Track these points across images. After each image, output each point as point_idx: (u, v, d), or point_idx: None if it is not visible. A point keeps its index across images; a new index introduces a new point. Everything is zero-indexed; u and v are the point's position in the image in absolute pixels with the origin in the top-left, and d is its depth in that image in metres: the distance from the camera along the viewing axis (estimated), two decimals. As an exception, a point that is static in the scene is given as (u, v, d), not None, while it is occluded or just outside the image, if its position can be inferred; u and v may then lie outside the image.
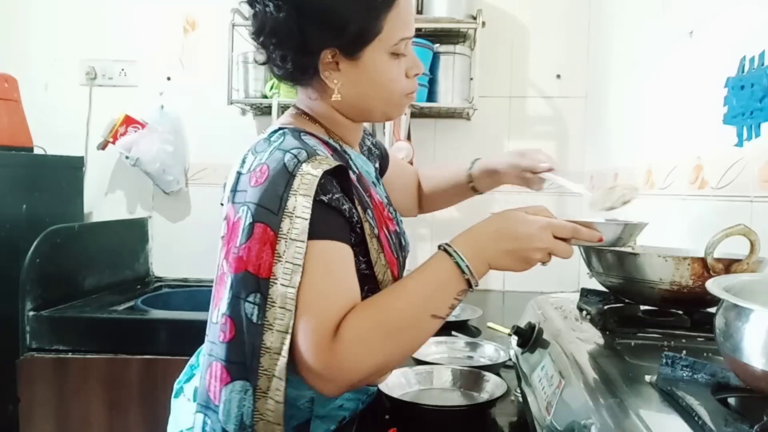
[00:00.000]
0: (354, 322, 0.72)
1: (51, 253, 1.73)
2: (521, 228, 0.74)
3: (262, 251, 0.72)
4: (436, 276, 0.75)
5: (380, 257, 0.81)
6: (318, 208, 0.73)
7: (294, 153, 0.75)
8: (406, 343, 0.75)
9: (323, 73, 0.82)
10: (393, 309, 0.74)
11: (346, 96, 0.84)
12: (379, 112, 0.89)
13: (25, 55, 2.31)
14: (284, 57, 0.81)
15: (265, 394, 0.71)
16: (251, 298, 0.72)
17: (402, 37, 0.82)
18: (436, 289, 0.74)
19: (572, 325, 0.86)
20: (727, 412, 0.51)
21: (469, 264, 0.73)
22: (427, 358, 1.21)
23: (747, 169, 1.02)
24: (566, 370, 0.69)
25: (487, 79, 2.13)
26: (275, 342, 0.71)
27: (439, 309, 0.74)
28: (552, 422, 0.65)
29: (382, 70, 0.83)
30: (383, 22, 0.80)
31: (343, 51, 0.80)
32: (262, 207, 0.73)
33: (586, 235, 0.75)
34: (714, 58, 1.15)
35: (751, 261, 0.75)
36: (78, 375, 1.62)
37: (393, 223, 0.89)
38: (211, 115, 2.26)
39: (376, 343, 0.72)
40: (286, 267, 0.71)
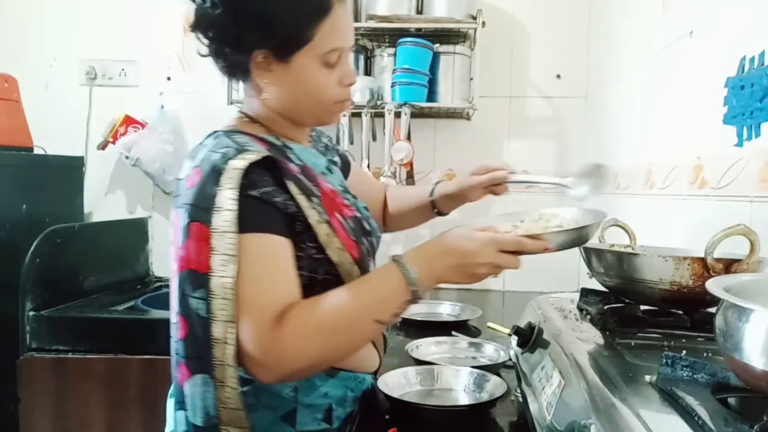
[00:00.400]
0: (300, 315, 0.75)
1: (51, 253, 1.73)
2: (466, 244, 0.77)
3: (201, 248, 0.75)
4: (384, 284, 0.78)
5: (333, 241, 0.83)
6: (250, 202, 0.76)
7: (223, 152, 0.79)
8: (347, 343, 0.79)
9: (254, 72, 0.85)
10: (339, 309, 0.77)
11: (276, 97, 0.87)
12: (308, 116, 0.92)
13: (25, 55, 2.31)
14: (218, 53, 0.85)
15: (222, 384, 0.75)
16: (197, 293, 0.76)
17: (334, 47, 0.84)
18: (383, 297, 0.78)
19: (572, 325, 0.86)
20: (727, 412, 0.51)
21: (417, 277, 0.76)
22: (428, 357, 1.21)
23: (747, 169, 1.02)
24: (566, 370, 0.69)
25: (487, 79, 2.13)
26: (221, 333, 0.74)
27: (383, 315, 0.78)
28: (552, 422, 0.65)
29: (310, 76, 0.85)
30: (315, 30, 0.82)
31: (273, 53, 0.83)
32: (196, 206, 0.77)
33: (532, 246, 0.77)
34: (714, 58, 1.15)
35: (751, 261, 0.75)
36: (78, 375, 1.62)
37: (350, 209, 0.92)
38: (211, 115, 2.23)
39: (317, 338, 0.76)
40: (222, 259, 0.74)
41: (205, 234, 0.75)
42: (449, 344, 1.31)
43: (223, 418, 0.76)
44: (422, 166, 2.20)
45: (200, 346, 0.75)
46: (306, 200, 0.82)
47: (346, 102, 0.91)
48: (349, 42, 0.88)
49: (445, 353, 1.27)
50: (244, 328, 0.74)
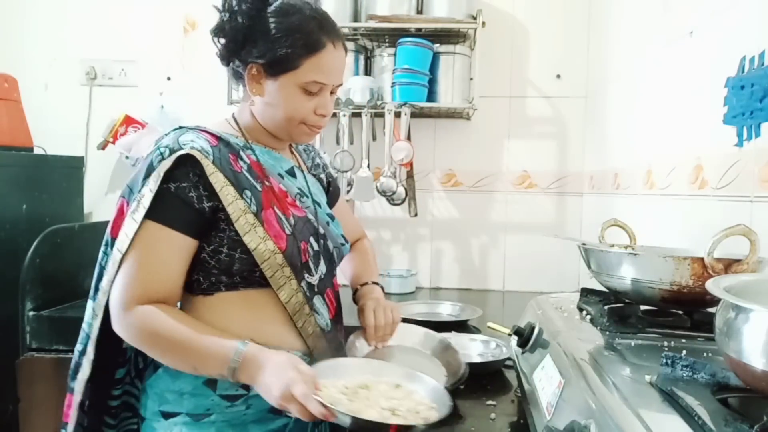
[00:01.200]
0: (145, 317, 0.89)
1: (51, 253, 1.73)
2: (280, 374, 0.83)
3: (118, 218, 0.94)
4: (215, 350, 0.87)
5: (255, 230, 0.94)
6: (164, 194, 0.90)
7: (161, 151, 0.92)
8: (166, 360, 0.92)
9: (247, 81, 1.00)
10: (174, 337, 0.88)
11: (259, 107, 1.01)
12: (280, 130, 1.03)
13: (25, 55, 2.32)
14: (224, 57, 1.01)
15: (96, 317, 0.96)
16: (103, 248, 0.97)
17: (315, 80, 0.97)
18: (207, 357, 0.88)
19: (572, 325, 0.86)
20: (727, 412, 0.51)
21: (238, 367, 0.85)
22: None
23: (747, 169, 1.02)
24: (566, 370, 0.69)
25: (487, 79, 2.13)
26: (106, 285, 0.94)
27: (201, 369, 0.89)
28: (552, 422, 0.65)
29: (289, 97, 0.98)
30: (301, 61, 0.96)
31: (265, 69, 0.97)
32: (128, 187, 0.95)
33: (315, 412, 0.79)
34: (714, 58, 1.15)
35: (751, 261, 0.75)
36: (78, 375, 1.61)
37: (300, 210, 1.03)
38: (211, 115, 2.25)
39: (144, 340, 0.90)
40: (122, 236, 0.91)
41: (125, 209, 0.93)
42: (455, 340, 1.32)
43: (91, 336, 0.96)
44: (422, 166, 2.20)
45: (94, 285, 0.97)
46: (234, 191, 0.93)
47: (314, 127, 1.03)
48: (332, 80, 1.00)
49: None
50: (113, 292, 0.91)
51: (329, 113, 1.04)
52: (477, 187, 2.23)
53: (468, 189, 2.23)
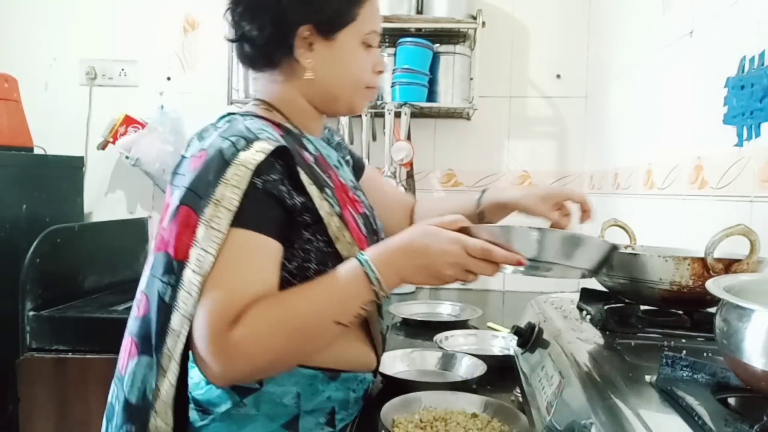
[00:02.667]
0: (255, 316, 0.71)
1: (51, 253, 1.73)
2: (431, 241, 0.72)
3: (183, 234, 0.73)
4: (345, 283, 0.74)
5: (344, 235, 0.80)
6: (250, 193, 0.72)
7: (233, 141, 0.75)
8: (304, 345, 0.75)
9: (297, 50, 0.83)
10: (297, 310, 0.73)
11: (317, 77, 0.85)
12: (344, 100, 0.90)
13: (25, 55, 2.32)
14: (260, 29, 0.83)
15: (164, 374, 0.72)
16: (165, 278, 0.73)
17: (373, 29, 0.86)
18: (343, 297, 0.74)
19: (572, 325, 0.86)
20: (727, 412, 0.51)
21: (380, 276, 0.73)
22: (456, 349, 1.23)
23: (747, 169, 1.02)
24: (566, 370, 0.69)
25: (487, 79, 2.13)
26: (179, 325, 0.71)
27: (343, 316, 0.74)
28: (552, 422, 0.65)
29: (353, 55, 0.86)
30: (359, 9, 0.84)
31: (319, 29, 0.83)
32: (191, 191, 0.74)
33: (500, 257, 0.70)
34: (714, 58, 1.15)
35: (751, 261, 0.75)
36: (78, 375, 1.62)
37: (360, 205, 0.90)
38: (211, 115, 2.25)
39: (272, 341, 0.72)
40: (200, 253, 0.71)
41: (193, 221, 0.72)
42: (477, 336, 1.35)
43: (156, 406, 0.73)
44: (422, 166, 2.20)
45: (154, 330, 0.73)
46: (317, 191, 0.79)
47: (375, 90, 0.91)
48: (381, 27, 0.89)
49: (474, 344, 1.31)
50: (201, 322, 0.70)
51: (385, 67, 0.92)
52: (477, 187, 2.23)
53: (468, 189, 2.23)
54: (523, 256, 0.70)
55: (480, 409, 0.91)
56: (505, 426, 0.85)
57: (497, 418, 0.87)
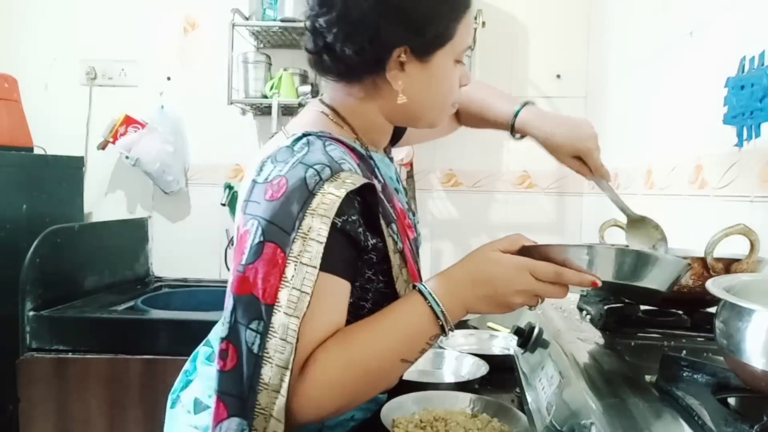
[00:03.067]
0: (322, 364, 0.68)
1: (51, 253, 1.73)
2: (497, 271, 0.69)
3: (270, 274, 0.66)
4: (410, 320, 0.71)
5: (402, 272, 0.78)
6: (329, 233, 0.68)
7: (317, 169, 0.70)
8: (372, 387, 0.72)
9: (389, 72, 0.78)
10: (363, 353, 0.69)
11: (399, 99, 0.80)
12: (426, 119, 0.85)
13: (25, 55, 2.31)
14: (357, 50, 0.76)
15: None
16: (254, 325, 0.66)
17: (468, 44, 0.82)
18: (410, 334, 0.70)
19: (572, 325, 0.86)
20: (727, 412, 0.51)
21: (445, 310, 0.69)
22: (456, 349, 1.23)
23: (747, 169, 1.02)
24: (566, 370, 0.69)
25: (487, 79, 2.12)
26: (274, 378, 0.65)
27: (410, 354, 0.71)
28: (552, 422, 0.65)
29: (445, 76, 0.81)
30: (457, 27, 0.78)
31: (415, 51, 0.77)
32: (274, 225, 0.68)
33: (574, 279, 0.66)
34: (714, 58, 1.15)
35: (751, 261, 0.75)
36: (78, 375, 1.62)
37: (412, 230, 0.86)
38: (211, 115, 2.26)
39: (341, 387, 0.69)
40: (293, 294, 0.66)
41: (281, 260, 0.66)
42: (477, 336, 1.35)
43: None
44: (422, 166, 2.20)
45: (244, 386, 0.66)
46: (386, 226, 0.75)
47: (457, 104, 0.87)
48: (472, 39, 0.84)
49: (474, 344, 1.31)
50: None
51: (471, 80, 0.87)
52: (477, 187, 2.23)
53: (468, 189, 2.23)
54: (597, 278, 0.65)
55: (480, 409, 0.90)
56: (505, 426, 0.85)
57: (497, 418, 0.87)
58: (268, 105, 2.06)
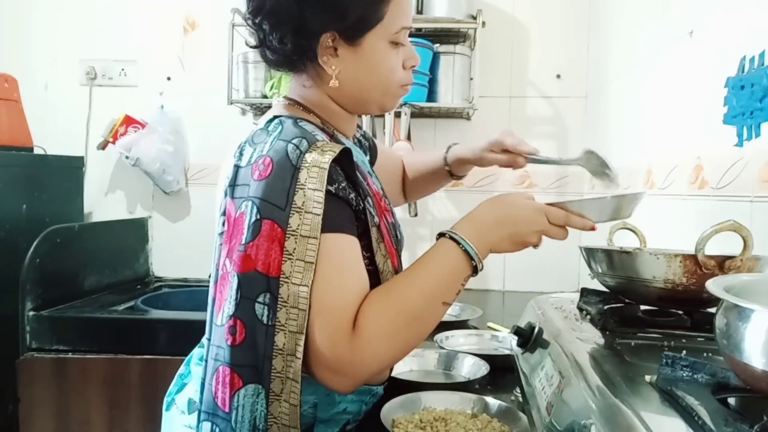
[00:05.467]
0: (373, 315, 0.72)
1: (51, 253, 1.73)
2: (520, 212, 0.78)
3: (271, 249, 0.70)
4: (446, 263, 0.76)
5: (380, 247, 0.81)
6: (328, 199, 0.72)
7: (295, 143, 0.74)
8: (421, 331, 0.76)
9: (321, 58, 0.80)
10: (409, 298, 0.74)
11: (344, 84, 0.82)
12: (374, 103, 0.88)
13: (25, 55, 2.32)
14: (281, 39, 0.79)
15: (278, 397, 0.70)
16: (261, 298, 0.70)
17: (402, 25, 0.82)
18: (447, 277, 0.76)
19: (572, 325, 0.86)
20: (727, 412, 0.51)
21: (476, 249, 0.76)
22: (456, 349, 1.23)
23: (747, 169, 1.02)
24: (566, 370, 0.69)
25: (487, 79, 2.13)
26: (289, 343, 0.69)
27: (449, 296, 0.76)
28: (552, 422, 0.65)
29: (381, 58, 0.82)
30: (386, 8, 0.79)
31: (343, 36, 0.79)
32: (268, 202, 0.71)
33: (578, 223, 0.78)
34: (714, 58, 1.15)
35: (745, 257, 0.74)
36: (78, 375, 1.62)
37: (389, 214, 0.90)
38: (211, 115, 2.26)
39: (396, 334, 0.73)
40: (298, 265, 0.69)
41: (279, 235, 0.70)
42: (477, 336, 1.36)
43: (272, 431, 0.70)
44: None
45: (258, 355, 0.70)
46: (362, 200, 0.79)
47: (408, 86, 0.88)
48: (411, 21, 0.85)
49: (475, 344, 1.32)
50: (320, 336, 0.69)
51: (419, 61, 0.89)
52: (477, 187, 2.23)
53: (468, 189, 2.23)
54: (593, 222, 0.79)
55: (480, 409, 0.91)
56: (505, 426, 0.85)
57: (497, 418, 0.87)
58: (268, 105, 2.06)
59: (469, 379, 1.08)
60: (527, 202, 0.79)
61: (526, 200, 0.79)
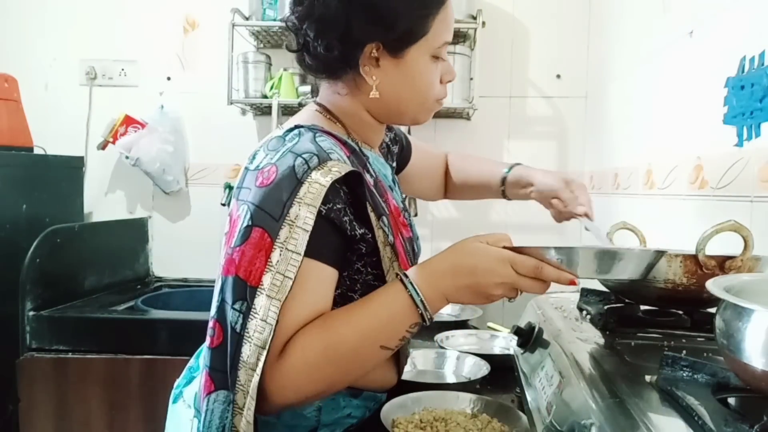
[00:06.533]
0: (301, 346, 0.69)
1: (51, 253, 1.73)
2: (479, 262, 0.70)
3: (256, 257, 0.69)
4: (389, 307, 0.72)
5: (393, 266, 0.79)
6: (316, 220, 0.70)
7: (305, 158, 0.72)
8: (350, 371, 0.73)
9: (363, 67, 0.80)
10: (342, 337, 0.70)
11: (382, 95, 0.82)
12: (409, 115, 0.87)
13: (25, 55, 2.31)
14: (327, 46, 0.78)
15: (240, 411, 0.68)
16: (237, 305, 0.69)
17: (445, 40, 0.82)
18: (389, 321, 0.71)
19: (572, 325, 0.86)
20: (727, 412, 0.51)
21: (424, 298, 0.70)
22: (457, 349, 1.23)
23: (747, 169, 1.02)
24: (566, 370, 0.69)
25: (487, 79, 2.13)
26: (251, 357, 0.67)
27: (389, 341, 0.72)
28: (552, 422, 0.65)
29: (422, 72, 0.82)
30: (431, 23, 0.79)
31: (387, 47, 0.79)
32: (263, 210, 0.70)
33: (552, 275, 0.68)
34: (714, 58, 1.15)
35: (746, 257, 0.74)
36: (78, 375, 1.62)
37: (407, 229, 0.87)
38: (211, 115, 2.26)
39: (319, 371, 0.70)
40: (276, 278, 0.68)
41: (267, 244, 0.69)
42: (477, 336, 1.35)
43: None
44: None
45: (227, 362, 0.69)
46: (376, 218, 0.77)
47: (443, 100, 0.88)
48: (452, 36, 0.84)
49: (475, 344, 1.32)
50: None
51: (455, 76, 0.88)
52: (477, 187, 2.23)
53: (468, 189, 2.23)
54: (575, 275, 0.68)
55: (480, 409, 0.90)
56: (505, 426, 0.85)
57: (497, 418, 0.87)
58: (268, 105, 2.06)
59: (469, 379, 1.08)
60: (489, 249, 0.70)
61: (489, 248, 0.70)
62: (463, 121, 2.22)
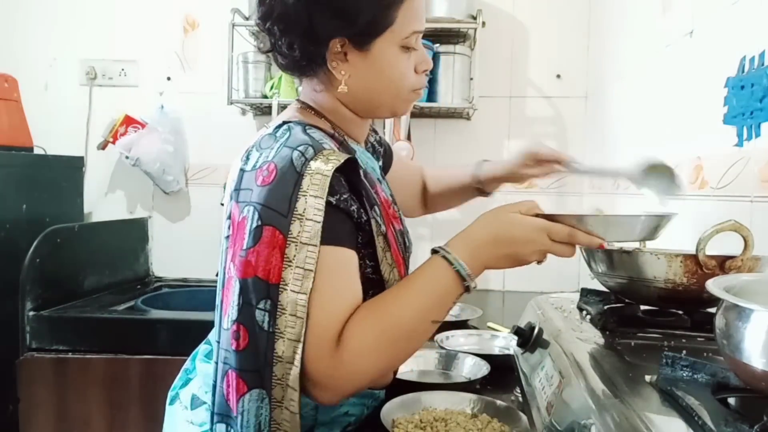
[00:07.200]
0: (359, 331, 0.71)
1: (51, 253, 1.73)
2: (518, 232, 0.74)
3: (272, 256, 0.70)
4: (437, 283, 0.75)
5: (386, 256, 0.80)
6: (328, 210, 0.71)
7: (301, 150, 0.73)
8: (408, 349, 0.76)
9: (330, 63, 0.80)
10: (397, 317, 0.73)
11: (353, 89, 0.82)
12: (386, 108, 0.87)
13: (25, 55, 2.31)
14: (291, 45, 0.79)
15: (279, 404, 0.70)
16: (261, 304, 0.70)
17: (414, 30, 0.81)
18: (438, 296, 0.74)
19: (572, 325, 0.86)
20: (727, 412, 0.51)
21: (469, 270, 0.74)
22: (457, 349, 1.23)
23: (747, 169, 1.02)
24: (566, 370, 0.69)
25: (487, 79, 2.13)
26: (287, 351, 0.69)
27: (439, 314, 0.76)
28: (552, 422, 0.65)
29: (391, 63, 0.81)
30: (396, 13, 0.78)
31: (352, 41, 0.79)
32: (270, 209, 0.71)
33: (584, 240, 0.74)
34: (714, 58, 1.15)
35: (746, 257, 0.74)
36: (78, 375, 1.62)
37: (398, 221, 0.89)
38: (211, 115, 2.26)
39: (380, 352, 0.72)
40: (297, 272, 0.69)
41: (280, 242, 0.70)
42: (477, 336, 1.36)
43: None
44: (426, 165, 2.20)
45: (260, 361, 0.70)
46: (369, 208, 0.78)
47: (420, 90, 0.87)
48: (424, 25, 0.83)
49: (475, 344, 1.32)
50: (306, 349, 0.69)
51: (431, 65, 0.87)
52: (477, 187, 2.23)
53: (468, 189, 2.23)
54: (603, 239, 0.75)
55: (480, 409, 0.90)
56: (505, 426, 0.85)
57: (497, 418, 0.87)
58: (268, 105, 2.06)
59: (469, 379, 1.08)
60: (527, 220, 0.74)
61: (526, 218, 0.74)
62: (463, 121, 2.22)
